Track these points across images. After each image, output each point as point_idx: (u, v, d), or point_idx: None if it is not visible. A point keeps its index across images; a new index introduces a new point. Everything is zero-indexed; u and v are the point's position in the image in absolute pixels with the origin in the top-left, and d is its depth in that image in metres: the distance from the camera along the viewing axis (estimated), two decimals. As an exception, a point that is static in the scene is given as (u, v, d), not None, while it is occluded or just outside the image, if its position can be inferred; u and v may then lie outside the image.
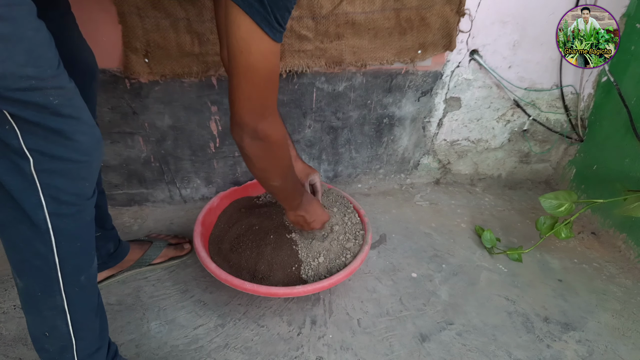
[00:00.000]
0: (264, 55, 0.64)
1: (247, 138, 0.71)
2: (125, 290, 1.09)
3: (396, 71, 1.32)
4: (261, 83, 0.66)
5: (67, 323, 0.69)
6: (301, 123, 1.35)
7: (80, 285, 0.69)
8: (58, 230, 0.62)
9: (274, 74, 0.68)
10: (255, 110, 0.69)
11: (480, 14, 1.27)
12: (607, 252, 1.38)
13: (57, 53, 0.56)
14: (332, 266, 1.05)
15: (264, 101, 0.69)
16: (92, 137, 0.61)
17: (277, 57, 0.66)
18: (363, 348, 1.00)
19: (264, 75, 0.66)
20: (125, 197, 1.35)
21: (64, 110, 0.56)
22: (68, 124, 0.57)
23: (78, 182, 0.62)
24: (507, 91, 1.45)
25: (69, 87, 0.57)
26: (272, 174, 0.81)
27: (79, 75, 0.81)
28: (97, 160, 0.64)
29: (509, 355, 1.01)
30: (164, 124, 1.23)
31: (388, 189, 1.59)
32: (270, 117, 0.71)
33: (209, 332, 1.01)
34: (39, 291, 0.67)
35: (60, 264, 0.65)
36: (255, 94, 0.67)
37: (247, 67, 0.64)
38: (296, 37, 1.14)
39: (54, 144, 0.57)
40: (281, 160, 0.79)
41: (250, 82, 0.66)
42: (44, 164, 0.58)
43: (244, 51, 0.63)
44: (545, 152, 1.65)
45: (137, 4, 1.01)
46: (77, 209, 0.64)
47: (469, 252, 1.33)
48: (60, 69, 0.56)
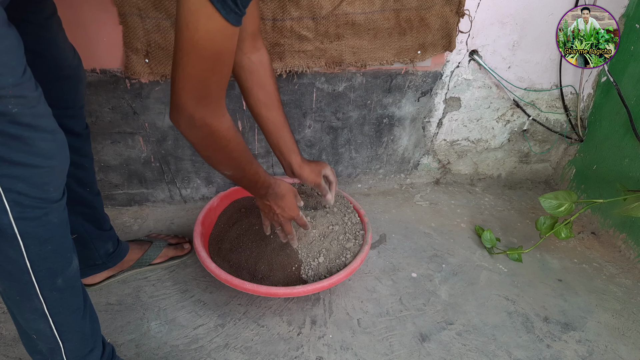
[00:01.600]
0: (211, 35, 0.58)
1: (184, 124, 0.65)
2: (125, 290, 1.09)
3: (396, 71, 1.32)
4: (205, 65, 0.60)
5: (50, 326, 0.69)
6: (301, 123, 1.35)
7: (58, 288, 0.68)
8: (25, 234, 0.61)
9: (222, 57, 0.61)
10: (195, 94, 0.63)
11: (479, 14, 1.27)
12: (607, 252, 1.38)
13: (23, 61, 0.54)
14: (332, 266, 1.05)
15: (205, 85, 0.62)
16: (53, 143, 0.60)
17: (228, 40, 0.60)
18: (363, 348, 1.00)
19: (209, 57, 0.60)
20: (126, 197, 1.35)
21: (22, 119, 0.54)
22: (27, 131, 0.55)
23: (41, 186, 0.60)
24: (506, 91, 1.45)
25: (32, 95, 0.55)
26: (219, 162, 0.76)
27: (66, 79, 0.81)
28: (60, 165, 0.62)
29: (509, 355, 1.01)
30: (164, 124, 1.24)
31: (388, 189, 1.59)
32: (213, 105, 0.66)
33: (209, 332, 1.01)
34: (17, 295, 0.66)
35: (32, 267, 0.63)
36: (197, 76, 0.61)
37: (191, 45, 0.58)
38: (296, 37, 1.14)
39: (14, 150, 0.56)
40: (227, 152, 0.73)
41: (192, 62, 0.59)
42: (4, 169, 0.56)
43: (190, 26, 0.57)
44: (545, 152, 1.65)
45: (138, 5, 1.01)
46: (43, 212, 0.62)
47: (468, 252, 1.33)
48: (25, 76, 0.54)
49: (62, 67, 0.80)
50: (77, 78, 0.85)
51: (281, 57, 1.16)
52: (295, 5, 1.08)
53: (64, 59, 0.81)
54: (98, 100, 1.15)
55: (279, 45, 1.14)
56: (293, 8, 1.09)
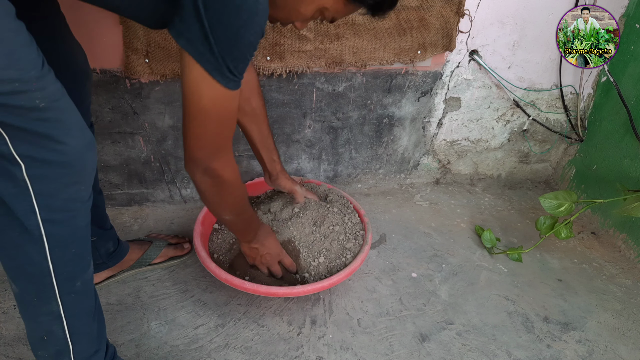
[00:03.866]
0: (215, 101, 0.64)
1: (199, 173, 0.72)
2: (125, 290, 1.09)
3: (396, 71, 1.32)
4: (212, 126, 0.67)
5: (64, 328, 0.69)
6: (301, 123, 1.35)
7: (76, 291, 0.68)
8: (51, 236, 0.61)
9: (226, 117, 0.68)
10: (206, 150, 0.70)
11: (479, 14, 1.27)
12: (607, 252, 1.38)
13: (40, 53, 0.54)
14: (332, 266, 1.05)
15: (215, 142, 0.69)
16: (82, 140, 0.60)
17: (231, 102, 0.66)
18: (363, 348, 1.00)
19: (215, 119, 0.66)
20: (126, 197, 1.35)
21: (50, 114, 0.54)
22: (56, 128, 0.56)
23: (72, 186, 0.60)
24: (506, 91, 1.45)
25: (54, 87, 0.55)
26: (223, 209, 0.84)
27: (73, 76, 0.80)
28: (90, 163, 0.62)
29: (509, 355, 1.01)
30: (164, 124, 1.24)
31: (388, 189, 1.59)
32: (224, 157, 0.72)
33: (209, 332, 1.01)
34: (34, 297, 0.66)
35: (54, 270, 0.63)
36: (206, 135, 0.68)
37: (197, 110, 0.64)
38: (296, 37, 1.14)
39: (45, 149, 0.56)
40: (232, 197, 0.81)
41: (201, 124, 0.66)
42: (36, 170, 0.56)
43: (195, 94, 0.63)
44: (545, 152, 1.65)
45: (137, 5, 1.01)
46: (71, 214, 0.62)
47: (468, 252, 1.33)
48: (44, 69, 0.54)
49: (70, 63, 0.80)
50: (85, 74, 0.85)
51: (281, 57, 1.16)
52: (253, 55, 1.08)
53: (72, 55, 0.81)
54: (98, 100, 1.15)
55: (279, 45, 1.14)
56: (293, 8, 1.09)
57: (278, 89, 1.25)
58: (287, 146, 1.39)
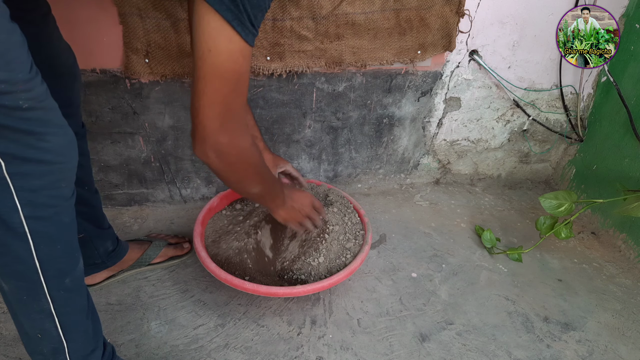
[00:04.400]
0: (234, 56, 0.60)
1: (212, 153, 0.67)
2: (125, 290, 1.09)
3: (396, 71, 1.32)
4: (229, 87, 0.62)
5: (56, 326, 0.69)
6: (301, 123, 1.35)
7: (66, 288, 0.68)
8: (36, 233, 0.61)
9: (243, 77, 0.64)
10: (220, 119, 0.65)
11: (479, 14, 1.27)
12: (607, 252, 1.38)
13: (30, 56, 0.54)
14: (332, 266, 1.05)
15: (230, 108, 0.65)
16: (64, 138, 0.60)
17: (247, 61, 0.62)
18: (363, 348, 1.00)
19: (231, 78, 0.62)
20: (126, 197, 1.35)
21: (33, 114, 0.54)
22: (38, 126, 0.56)
23: (53, 183, 0.60)
24: (506, 91, 1.45)
25: (40, 89, 0.55)
26: (249, 182, 0.77)
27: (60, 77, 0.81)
28: (71, 161, 0.62)
29: (509, 355, 1.01)
30: (164, 124, 1.24)
31: (388, 189, 1.59)
32: (237, 125, 0.68)
33: (209, 332, 1.01)
34: (24, 295, 0.66)
35: (41, 267, 0.63)
36: (221, 100, 0.63)
37: (214, 68, 0.60)
38: (296, 37, 1.14)
39: (26, 147, 0.55)
40: (254, 166, 0.75)
41: (216, 87, 0.62)
42: (16, 167, 0.56)
43: (212, 51, 0.59)
44: (545, 152, 1.65)
45: (138, 5, 1.01)
46: (55, 210, 0.62)
47: (468, 252, 1.33)
48: (32, 72, 0.54)
49: (58, 65, 0.80)
50: (73, 76, 0.85)
51: (281, 57, 1.16)
52: (295, 5, 1.08)
53: (60, 57, 0.81)
54: (98, 100, 1.15)
55: (279, 45, 1.14)
56: (293, 8, 1.09)
57: (278, 89, 1.25)
58: (287, 146, 1.39)
